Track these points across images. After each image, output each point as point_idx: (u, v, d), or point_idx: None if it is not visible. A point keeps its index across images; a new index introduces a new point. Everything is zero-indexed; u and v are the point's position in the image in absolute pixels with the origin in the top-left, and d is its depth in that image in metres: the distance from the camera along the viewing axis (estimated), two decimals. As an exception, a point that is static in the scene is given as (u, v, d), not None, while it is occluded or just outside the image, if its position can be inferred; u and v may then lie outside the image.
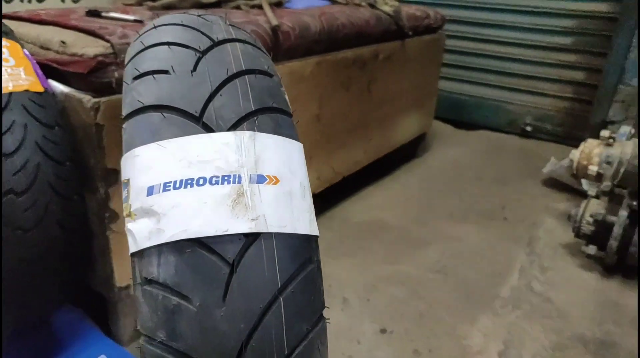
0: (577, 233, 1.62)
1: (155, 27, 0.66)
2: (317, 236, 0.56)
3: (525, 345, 1.28)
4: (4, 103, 0.95)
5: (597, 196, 1.64)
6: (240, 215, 0.49)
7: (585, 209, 1.59)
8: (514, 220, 1.92)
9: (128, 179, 0.53)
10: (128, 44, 1.08)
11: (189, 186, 0.49)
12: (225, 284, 0.48)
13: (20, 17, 1.31)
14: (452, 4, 2.90)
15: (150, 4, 1.60)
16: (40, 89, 1.02)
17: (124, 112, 0.57)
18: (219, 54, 0.59)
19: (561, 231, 1.83)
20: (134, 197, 0.51)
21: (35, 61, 1.07)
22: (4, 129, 0.94)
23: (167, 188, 0.49)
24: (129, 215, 0.52)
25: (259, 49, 0.67)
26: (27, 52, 1.07)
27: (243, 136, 0.52)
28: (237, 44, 0.63)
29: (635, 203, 1.46)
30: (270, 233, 0.50)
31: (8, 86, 0.97)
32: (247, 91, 0.57)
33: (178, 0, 1.62)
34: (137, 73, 0.59)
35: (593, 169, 1.63)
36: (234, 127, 0.54)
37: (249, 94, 0.57)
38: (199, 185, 0.49)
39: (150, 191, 0.50)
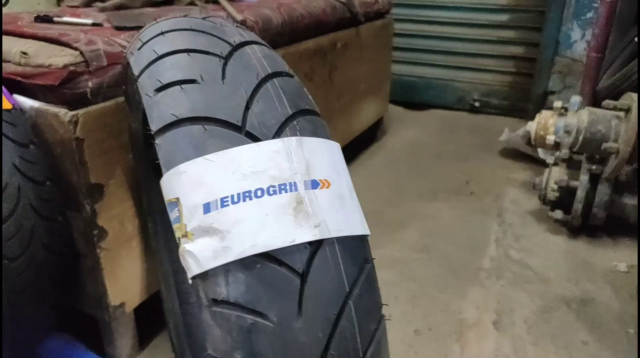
0: (543, 200, 1.72)
1: (162, 33, 0.62)
2: (369, 235, 0.56)
3: (516, 312, 1.35)
4: (-28, 125, 0.87)
5: (555, 164, 1.74)
6: (303, 223, 0.48)
7: (548, 178, 1.69)
8: (480, 193, 2.00)
9: (177, 198, 0.50)
10: (96, 50, 1.02)
11: (247, 199, 0.47)
12: (299, 295, 0.47)
13: (-38, 27, 1.20)
14: (394, -13, 2.94)
15: (100, 4, 1.50)
16: (8, 105, 0.94)
17: (154, 127, 0.54)
18: (241, 59, 0.57)
19: (525, 199, 1.93)
20: (188, 216, 0.49)
21: (-4, 76, 0.98)
22: (-24, 152, 0.86)
23: (225, 204, 0.47)
24: (184, 236, 0.49)
25: (271, 49, 0.65)
26: (-13, 67, 0.98)
27: (290, 142, 0.51)
28: (254, 46, 0.61)
29: (594, 166, 1.57)
30: (332, 238, 0.50)
31: (-25, 106, 0.88)
32: (280, 94, 0.55)
33: (129, 0, 1.53)
34: (159, 84, 0.55)
35: (550, 138, 1.73)
36: (278, 133, 0.52)
37: (283, 98, 0.55)
38: (257, 197, 0.48)
39: (207, 208, 0.48)
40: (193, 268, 0.48)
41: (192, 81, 0.54)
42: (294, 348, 0.46)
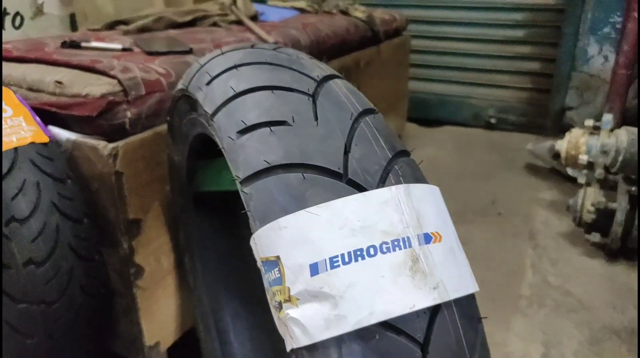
0: (578, 222, 1.67)
1: (236, 67, 0.57)
2: (477, 290, 0.51)
3: (563, 344, 1.29)
4: (10, 161, 0.81)
5: (588, 184, 1.70)
6: (422, 286, 0.42)
7: (584, 199, 1.64)
8: (508, 214, 1.95)
9: (277, 257, 0.44)
10: (134, 78, 0.97)
11: (359, 258, 0.42)
12: (420, 367, 0.41)
13: (-11, 55, 1.15)
14: (408, 4, 2.92)
15: (124, 27, 1.46)
16: (45, 139, 0.89)
17: (242, 175, 0.48)
18: (329, 95, 0.52)
19: (556, 220, 1.88)
20: (292, 278, 0.43)
21: (29, 107, 0.93)
22: (14, 191, 0.81)
23: (335, 264, 0.42)
24: (287, 300, 0.43)
25: (348, 82, 0.60)
26: (21, 97, 0.93)
27: (399, 191, 0.46)
28: (337, 80, 0.56)
29: (634, 188, 1.52)
30: (450, 301, 0.44)
31: (12, 140, 0.83)
32: (376, 134, 0.50)
33: (152, 22, 1.49)
34: (244, 125, 0.50)
35: (583, 158, 1.69)
36: (382, 181, 0.47)
37: (380, 139, 0.50)
38: (370, 256, 0.42)
39: (314, 269, 0.42)
40: (300, 339, 0.42)
41: (282, 123, 0.49)
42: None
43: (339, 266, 0.42)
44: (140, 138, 0.96)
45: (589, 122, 1.77)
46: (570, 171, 1.96)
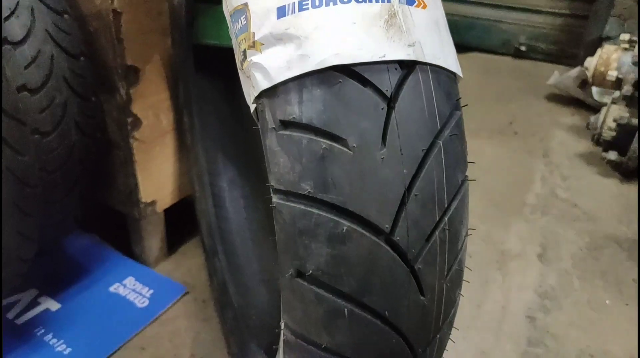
0: (597, 140, 1.60)
1: None
2: (460, 78, 0.48)
3: (562, 247, 1.27)
4: (4, -20, 0.79)
5: (613, 102, 1.62)
6: (395, 39, 0.39)
7: (606, 115, 1.57)
8: (525, 134, 1.89)
9: (245, 4, 0.42)
10: None
11: (331, 3, 0.39)
12: (384, 122, 0.39)
13: None
14: None
15: None
16: (43, -32, 0.86)
17: None
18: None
19: (574, 142, 1.82)
20: (258, 23, 0.40)
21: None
22: (6, 11, 0.79)
23: (304, 7, 0.39)
24: (252, 47, 0.41)
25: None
26: None
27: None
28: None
29: (660, 104, 1.44)
30: (426, 65, 0.41)
31: (6, -40, 0.80)
32: None
33: None
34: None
35: (612, 74, 1.60)
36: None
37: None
38: (343, 2, 0.39)
39: (281, 12, 0.40)
40: (261, 83, 0.41)
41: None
42: (374, 182, 0.39)
43: (307, 9, 0.39)
44: (141, -20, 0.92)
45: (625, 37, 1.66)
46: (595, 94, 1.87)
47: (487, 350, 0.98)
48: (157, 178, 1.07)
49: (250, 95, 0.43)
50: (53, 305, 1.06)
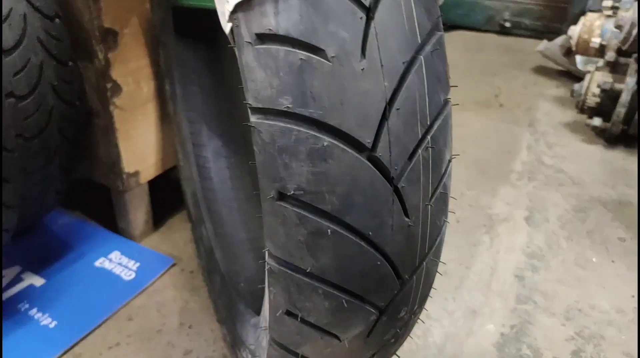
0: (582, 107, 1.61)
1: None
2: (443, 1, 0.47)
3: (548, 210, 1.27)
4: (-29, -64, 0.77)
5: (597, 69, 1.62)
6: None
7: (590, 82, 1.57)
8: (510, 106, 1.89)
9: None
10: None
11: None
12: (363, 32, 0.38)
13: None
14: None
15: None
16: None
17: None
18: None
19: (559, 113, 1.83)
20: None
21: None
22: (-24, -31, 0.76)
23: None
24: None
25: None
26: None
27: None
28: None
29: (643, 68, 1.45)
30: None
31: None
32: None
33: None
34: None
35: (596, 41, 1.60)
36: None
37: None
38: None
39: None
40: (231, -1, 0.39)
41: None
42: (354, 94, 0.38)
43: None
44: (116, -60, 0.90)
45: (608, 3, 1.67)
46: (579, 63, 1.88)
47: (477, 309, 0.98)
48: (139, 148, 1.05)
49: (225, 13, 0.42)
50: (37, 281, 1.04)
